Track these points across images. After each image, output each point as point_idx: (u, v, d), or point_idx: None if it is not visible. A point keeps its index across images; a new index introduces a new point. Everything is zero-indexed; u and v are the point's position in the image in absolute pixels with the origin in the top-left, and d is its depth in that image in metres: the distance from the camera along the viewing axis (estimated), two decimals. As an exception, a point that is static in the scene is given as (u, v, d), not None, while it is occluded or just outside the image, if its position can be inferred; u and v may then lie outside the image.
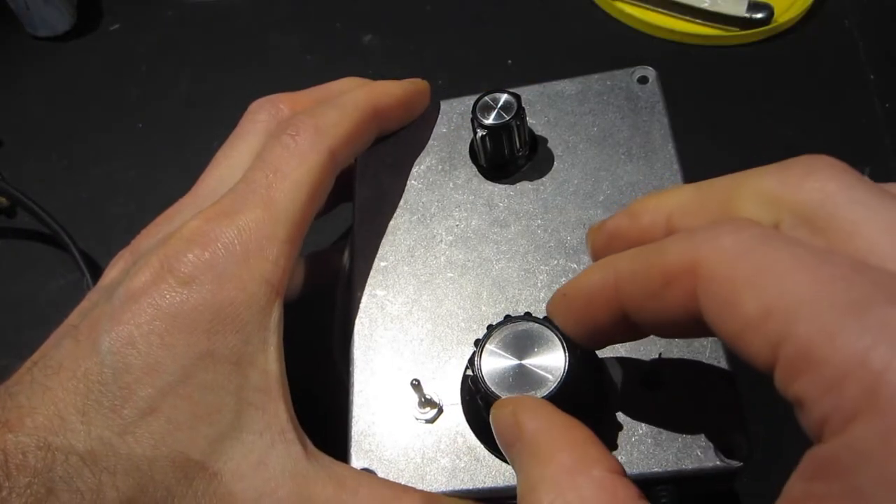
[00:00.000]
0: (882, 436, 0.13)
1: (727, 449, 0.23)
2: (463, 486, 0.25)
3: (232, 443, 0.24)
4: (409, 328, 0.28)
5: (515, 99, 0.29)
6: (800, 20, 0.48)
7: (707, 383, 0.24)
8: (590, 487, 0.18)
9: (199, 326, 0.24)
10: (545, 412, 0.21)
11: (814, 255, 0.16)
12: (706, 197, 0.21)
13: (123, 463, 0.22)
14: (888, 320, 0.14)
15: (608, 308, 0.21)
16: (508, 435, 0.21)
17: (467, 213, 0.30)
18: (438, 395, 0.27)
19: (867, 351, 0.14)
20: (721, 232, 0.18)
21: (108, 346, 0.24)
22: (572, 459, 0.19)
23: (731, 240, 0.17)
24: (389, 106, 0.31)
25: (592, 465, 0.19)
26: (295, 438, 0.25)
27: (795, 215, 0.18)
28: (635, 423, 0.24)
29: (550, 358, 0.23)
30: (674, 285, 0.18)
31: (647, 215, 0.22)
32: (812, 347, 0.14)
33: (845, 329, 0.14)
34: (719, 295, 0.17)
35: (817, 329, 0.14)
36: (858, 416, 0.14)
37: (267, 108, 0.31)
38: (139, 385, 0.23)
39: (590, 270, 0.21)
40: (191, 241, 0.25)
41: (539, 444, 0.20)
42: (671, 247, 0.19)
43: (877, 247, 0.17)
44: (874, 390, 0.13)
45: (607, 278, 0.20)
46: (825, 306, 0.15)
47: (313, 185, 0.27)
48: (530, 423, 0.21)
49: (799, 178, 0.19)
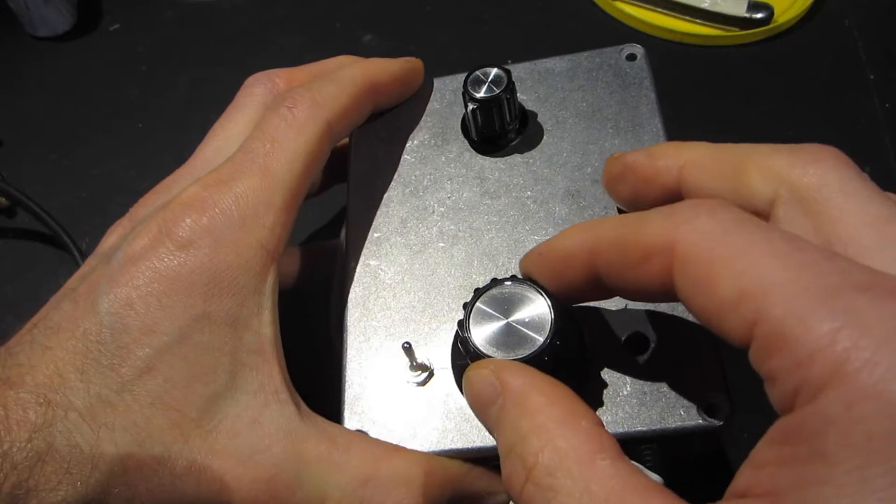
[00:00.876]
0: (846, 404, 0.15)
1: (709, 408, 0.24)
2: (453, 446, 0.26)
3: (227, 402, 0.24)
4: (402, 296, 0.29)
5: (506, 73, 0.30)
6: (800, 20, 0.48)
7: (690, 344, 0.25)
8: (578, 436, 0.19)
9: (196, 289, 0.25)
10: (528, 371, 0.22)
11: (787, 241, 0.17)
12: (720, 158, 0.22)
13: (121, 419, 0.23)
14: (854, 306, 0.15)
15: (583, 269, 0.22)
16: (487, 393, 0.22)
17: (459, 185, 0.31)
18: (430, 360, 0.27)
19: (835, 332, 0.15)
20: (699, 213, 0.19)
21: (107, 307, 0.24)
22: (561, 412, 0.20)
23: (709, 222, 0.18)
24: (386, 82, 0.32)
25: (580, 418, 0.20)
26: (288, 398, 0.25)
27: (793, 194, 0.20)
28: (620, 384, 0.25)
29: (536, 316, 0.24)
30: (651, 260, 0.19)
31: (663, 159, 0.24)
32: (785, 329, 0.16)
33: (816, 312, 0.16)
34: (695, 275, 0.18)
35: (790, 312, 0.16)
36: (825, 387, 0.15)
37: (263, 82, 0.31)
38: (137, 345, 0.24)
39: (569, 232, 0.23)
40: (189, 207, 0.26)
41: (526, 397, 0.21)
42: (651, 222, 0.20)
43: (857, 235, 0.19)
44: (840, 366, 0.15)
45: (585, 242, 0.22)
46: (797, 291, 0.16)
47: (310, 156, 0.28)
48: (515, 381, 0.21)
49: (804, 162, 0.20)
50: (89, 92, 0.54)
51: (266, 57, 0.53)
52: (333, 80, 0.30)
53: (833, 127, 0.43)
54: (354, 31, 0.54)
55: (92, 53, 0.56)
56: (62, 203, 0.47)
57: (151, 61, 0.55)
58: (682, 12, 0.49)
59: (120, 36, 0.57)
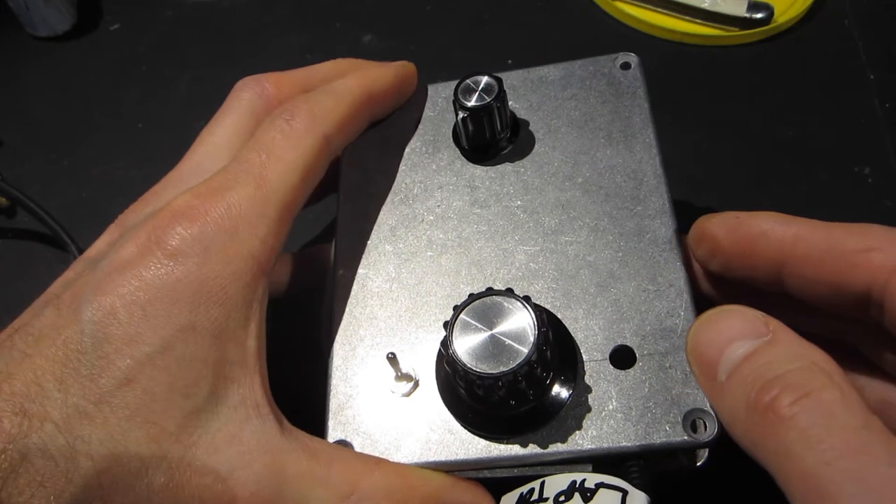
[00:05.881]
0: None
1: (695, 425, 0.24)
2: (437, 458, 0.26)
3: (207, 416, 0.24)
4: (389, 305, 0.29)
5: (497, 81, 0.30)
6: (800, 20, 0.48)
7: (676, 360, 0.25)
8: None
9: (182, 299, 0.24)
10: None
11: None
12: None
13: (98, 432, 0.22)
14: None
15: (773, 252, 0.24)
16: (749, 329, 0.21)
17: (449, 194, 0.31)
18: (415, 370, 0.27)
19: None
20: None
21: (90, 315, 0.24)
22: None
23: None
24: (382, 91, 0.32)
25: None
26: (269, 413, 0.25)
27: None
28: (606, 398, 0.25)
29: (519, 327, 0.24)
30: (857, 274, 0.21)
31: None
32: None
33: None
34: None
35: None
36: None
37: (252, 87, 0.31)
38: (118, 355, 0.23)
39: (767, 214, 0.24)
40: (180, 215, 0.25)
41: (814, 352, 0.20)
42: (876, 251, 0.22)
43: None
44: None
45: (789, 232, 0.23)
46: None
47: (306, 169, 0.28)
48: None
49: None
50: (89, 92, 0.54)
51: (266, 57, 0.53)
52: (331, 93, 0.30)
53: (833, 127, 0.43)
54: (354, 31, 0.54)
55: (92, 53, 0.56)
56: (62, 203, 0.47)
57: (151, 61, 0.55)
58: (682, 12, 0.49)
59: (120, 36, 0.57)
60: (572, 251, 0.28)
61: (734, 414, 0.20)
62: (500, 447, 0.25)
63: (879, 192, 0.41)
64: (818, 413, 0.18)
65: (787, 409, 0.18)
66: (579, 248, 0.28)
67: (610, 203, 0.29)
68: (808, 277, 0.23)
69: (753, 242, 0.24)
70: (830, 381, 0.18)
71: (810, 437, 0.17)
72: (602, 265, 0.28)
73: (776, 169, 0.42)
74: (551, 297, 0.28)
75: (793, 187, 0.41)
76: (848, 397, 0.18)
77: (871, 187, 0.41)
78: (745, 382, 0.20)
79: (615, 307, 0.27)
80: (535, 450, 0.25)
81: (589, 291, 0.27)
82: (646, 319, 0.26)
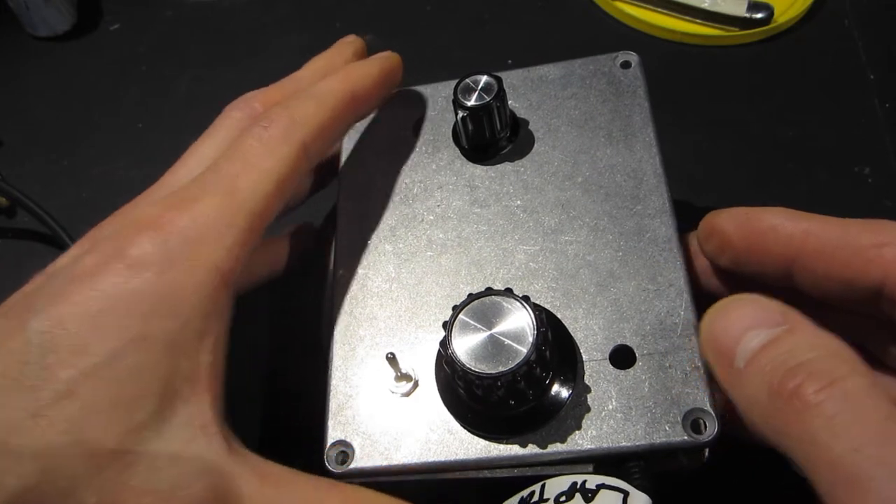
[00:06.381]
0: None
1: (695, 425, 0.24)
2: (436, 459, 0.26)
3: (150, 433, 0.23)
4: (389, 305, 0.29)
5: (496, 81, 0.30)
6: (800, 20, 0.48)
7: (677, 359, 0.25)
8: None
9: (136, 309, 0.23)
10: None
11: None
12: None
13: (31, 447, 0.21)
14: None
15: (783, 247, 0.24)
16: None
17: (449, 193, 0.31)
18: (414, 370, 0.27)
19: None
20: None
21: (38, 325, 0.23)
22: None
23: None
24: (367, 89, 0.31)
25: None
26: (217, 433, 0.24)
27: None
28: (605, 398, 0.25)
29: (518, 327, 0.24)
30: (870, 269, 0.21)
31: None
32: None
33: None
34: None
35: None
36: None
37: (241, 107, 0.31)
38: (62, 366, 0.22)
39: (776, 209, 0.24)
40: (145, 226, 0.25)
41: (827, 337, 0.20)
42: (889, 246, 0.22)
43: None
44: None
45: (800, 227, 0.23)
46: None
47: (281, 177, 0.27)
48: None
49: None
50: (89, 92, 0.54)
51: (266, 57, 0.53)
52: (313, 96, 0.29)
53: (833, 127, 0.43)
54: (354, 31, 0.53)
55: (92, 53, 0.56)
56: (62, 203, 0.46)
57: (151, 61, 0.55)
58: (682, 12, 0.49)
59: (120, 36, 0.57)
60: (572, 251, 0.28)
61: (754, 401, 0.20)
62: (499, 447, 0.25)
63: (879, 192, 0.41)
64: (845, 401, 0.18)
65: (813, 395, 0.18)
66: (579, 247, 0.28)
67: (610, 202, 0.29)
68: (818, 273, 0.23)
69: (763, 237, 0.25)
70: (854, 369, 0.18)
71: (837, 424, 0.17)
72: (602, 265, 0.28)
73: (776, 169, 0.42)
74: (551, 297, 0.28)
75: (793, 187, 0.41)
76: (873, 386, 0.18)
77: (871, 187, 0.41)
78: (766, 370, 0.19)
79: (615, 307, 0.27)
80: (535, 450, 0.25)
81: (589, 291, 0.27)
82: (646, 319, 0.26)
